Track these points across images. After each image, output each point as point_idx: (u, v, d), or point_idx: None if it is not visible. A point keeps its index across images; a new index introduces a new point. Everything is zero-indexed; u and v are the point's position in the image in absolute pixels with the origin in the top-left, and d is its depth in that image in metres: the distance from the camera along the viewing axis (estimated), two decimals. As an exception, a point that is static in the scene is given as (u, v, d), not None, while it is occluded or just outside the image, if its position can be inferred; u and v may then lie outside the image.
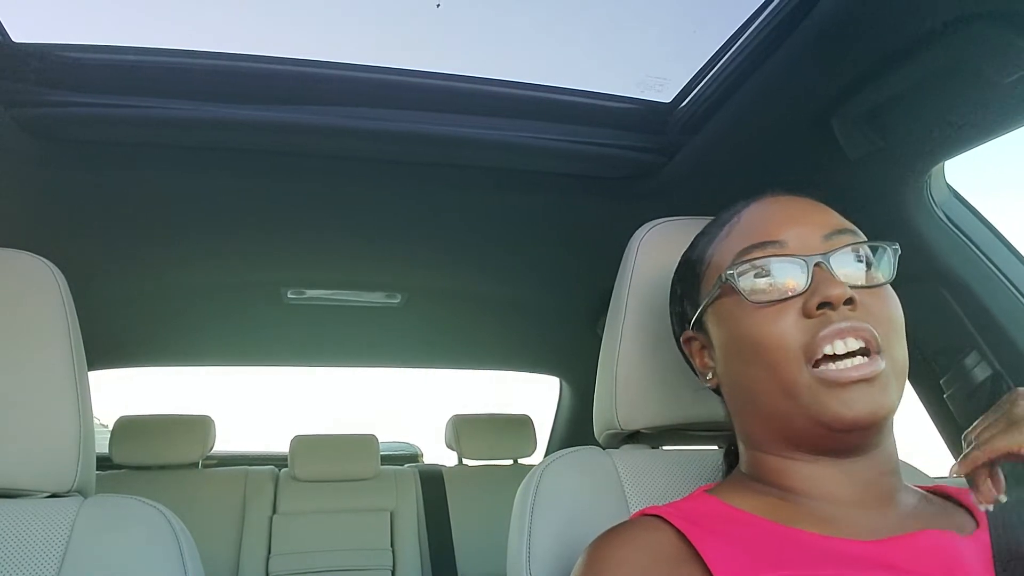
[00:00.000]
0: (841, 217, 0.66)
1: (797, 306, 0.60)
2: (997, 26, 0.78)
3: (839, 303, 0.59)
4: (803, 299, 0.60)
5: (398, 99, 1.14)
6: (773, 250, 0.63)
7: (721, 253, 0.67)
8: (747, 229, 0.66)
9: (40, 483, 0.78)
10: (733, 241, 0.67)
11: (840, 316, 0.59)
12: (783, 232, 0.64)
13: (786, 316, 0.60)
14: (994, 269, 1.02)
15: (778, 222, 0.65)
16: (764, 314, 0.61)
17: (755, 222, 0.66)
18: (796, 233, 0.63)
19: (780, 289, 0.61)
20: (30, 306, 0.80)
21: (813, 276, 0.60)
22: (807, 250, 0.62)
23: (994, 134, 0.92)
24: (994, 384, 1.02)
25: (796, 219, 0.65)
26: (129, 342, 2.27)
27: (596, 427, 0.92)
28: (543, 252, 1.69)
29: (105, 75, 1.07)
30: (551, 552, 0.76)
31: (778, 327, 0.60)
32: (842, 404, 0.58)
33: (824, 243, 0.63)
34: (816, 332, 0.59)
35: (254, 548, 2.22)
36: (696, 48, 1.04)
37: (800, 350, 0.59)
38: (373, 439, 2.44)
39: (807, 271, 0.61)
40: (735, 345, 0.65)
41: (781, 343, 0.60)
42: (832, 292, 0.58)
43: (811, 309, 0.59)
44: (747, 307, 0.62)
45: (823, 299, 0.59)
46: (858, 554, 0.56)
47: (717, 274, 0.66)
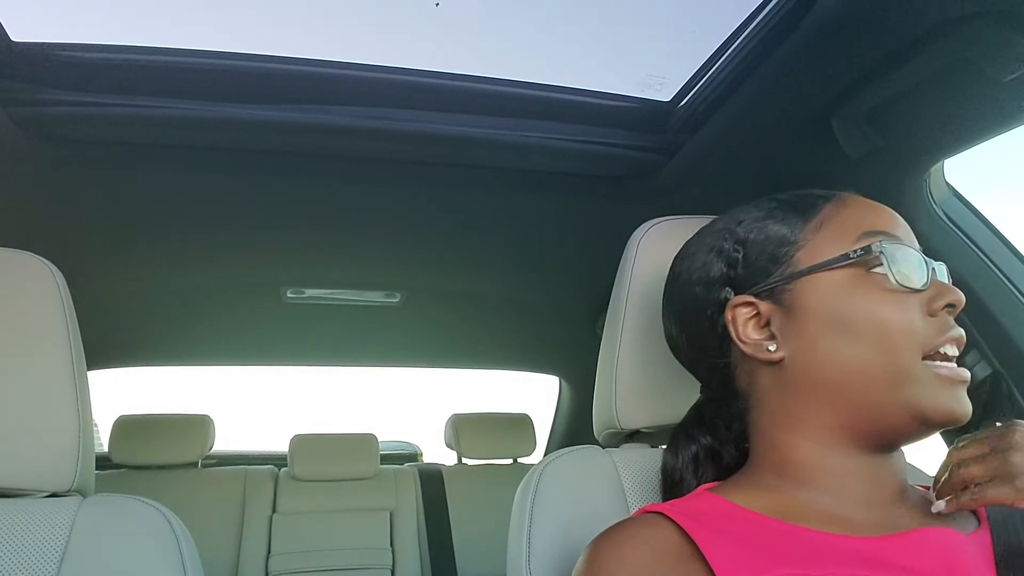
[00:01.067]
0: None
1: (919, 300, 0.62)
2: (997, 25, 0.78)
3: (960, 307, 0.62)
4: (928, 296, 0.61)
5: (397, 98, 1.14)
6: (900, 242, 0.63)
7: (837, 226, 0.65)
8: (864, 214, 0.66)
9: (39, 483, 0.78)
10: (851, 220, 0.65)
11: (952, 322, 0.62)
12: (898, 228, 0.65)
13: (912, 308, 0.61)
14: (994, 268, 1.02)
15: (892, 219, 0.66)
16: (896, 298, 0.61)
17: (870, 211, 0.66)
18: (906, 234, 0.65)
19: (913, 279, 0.62)
20: (29, 306, 0.80)
21: (931, 277, 0.62)
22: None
23: (994, 133, 0.92)
24: (994, 383, 1.02)
25: (902, 222, 0.66)
26: (129, 341, 2.27)
27: (596, 426, 0.92)
28: (542, 251, 1.69)
29: (104, 74, 1.07)
30: (551, 551, 0.76)
31: (907, 314, 0.61)
32: (955, 400, 0.60)
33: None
34: (938, 331, 0.61)
35: (254, 547, 2.22)
36: (696, 47, 1.04)
37: (920, 342, 0.60)
38: (372, 438, 2.44)
39: (927, 271, 0.62)
40: (844, 321, 0.61)
41: (906, 330, 0.60)
42: (957, 296, 0.61)
43: (937, 309, 0.61)
44: (877, 286, 0.62)
45: (950, 301, 0.61)
46: (860, 551, 0.56)
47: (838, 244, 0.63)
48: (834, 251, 0.63)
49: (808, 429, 0.64)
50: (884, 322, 0.60)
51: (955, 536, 0.58)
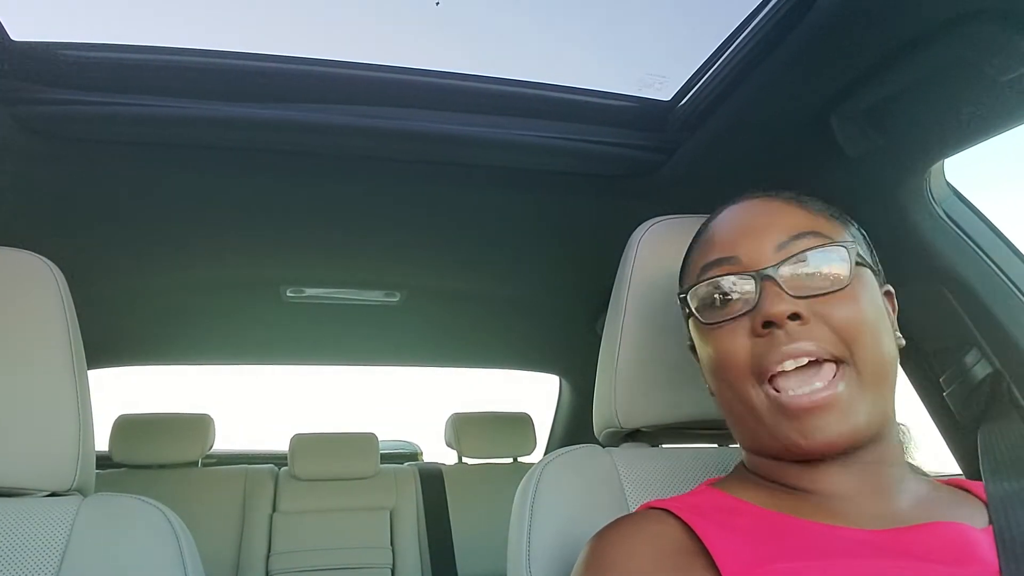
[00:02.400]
0: (808, 216, 0.63)
1: (747, 323, 0.60)
2: (997, 24, 0.78)
3: (782, 320, 0.57)
4: (751, 316, 0.59)
5: (397, 97, 1.14)
6: (726, 267, 0.62)
7: (690, 268, 0.68)
8: (709, 242, 0.66)
9: (40, 482, 0.78)
10: (698, 257, 0.67)
11: (787, 335, 0.57)
12: (738, 246, 0.63)
13: (737, 335, 0.60)
14: (994, 267, 1.02)
15: (735, 235, 0.64)
16: (717, 333, 0.61)
17: (716, 234, 0.66)
18: (749, 246, 0.62)
19: (730, 308, 0.61)
20: (29, 305, 0.80)
21: (761, 292, 0.59)
22: (758, 263, 0.61)
23: (994, 132, 0.92)
24: (994, 382, 1.02)
25: (752, 230, 0.63)
26: (129, 341, 2.27)
27: (596, 425, 0.92)
28: (542, 250, 1.69)
29: (104, 73, 1.07)
30: (551, 550, 0.76)
31: (730, 346, 0.60)
32: (798, 433, 0.57)
33: (776, 254, 0.61)
34: (764, 352, 0.58)
35: (254, 546, 2.22)
36: (696, 46, 1.04)
37: (748, 369, 0.59)
38: (373, 438, 2.45)
39: (756, 287, 0.59)
40: (703, 361, 0.66)
41: (733, 362, 0.60)
42: (773, 310, 0.57)
43: (757, 328, 0.58)
44: (704, 326, 0.63)
45: (765, 318, 0.58)
46: (866, 542, 0.55)
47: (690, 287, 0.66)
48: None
49: (748, 447, 0.66)
50: (712, 358, 0.62)
51: (967, 529, 0.58)
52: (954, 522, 0.58)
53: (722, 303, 0.61)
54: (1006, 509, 0.61)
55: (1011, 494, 0.63)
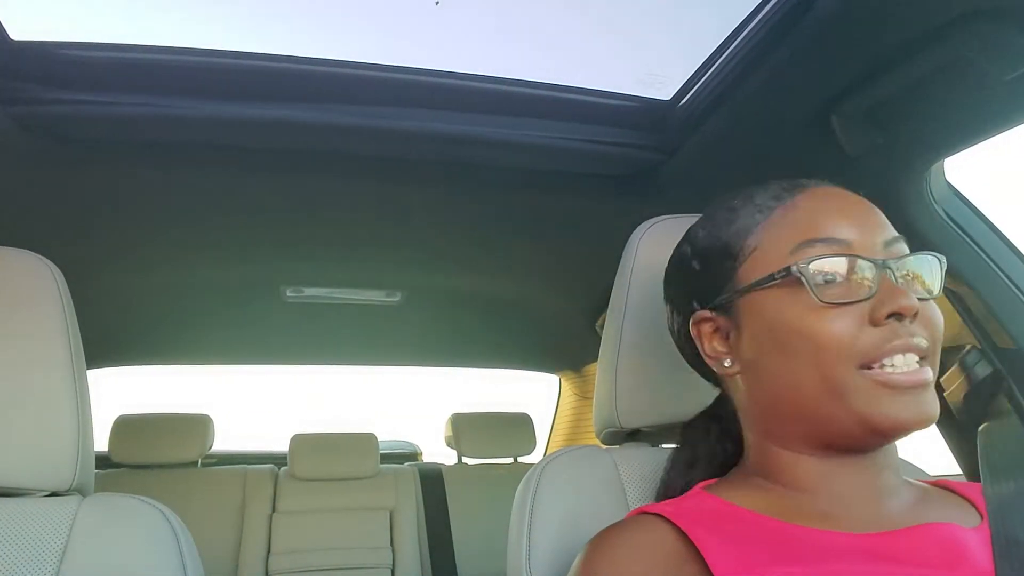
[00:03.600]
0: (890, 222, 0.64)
1: (862, 310, 0.58)
2: (997, 23, 0.78)
3: (909, 315, 0.57)
4: (871, 305, 0.58)
5: (397, 97, 1.14)
6: (839, 248, 0.60)
7: (774, 238, 0.63)
8: (805, 220, 0.63)
9: (39, 482, 0.78)
10: (789, 229, 0.63)
11: (905, 329, 0.58)
12: (846, 231, 0.61)
13: (849, 318, 0.58)
14: (994, 266, 1.02)
15: (840, 218, 0.62)
16: (827, 313, 0.59)
17: (814, 213, 0.63)
18: (859, 234, 0.61)
19: (848, 291, 0.59)
20: (28, 304, 0.80)
21: (881, 283, 0.58)
22: (872, 253, 0.60)
23: (994, 131, 0.92)
24: (994, 382, 1.01)
25: (858, 218, 0.62)
26: (128, 340, 2.27)
27: (596, 425, 0.92)
28: (542, 250, 1.69)
29: (104, 73, 1.07)
30: (551, 550, 0.76)
31: (840, 328, 0.58)
32: (900, 407, 0.57)
33: (885, 249, 0.61)
34: (881, 342, 0.57)
35: (253, 547, 2.22)
36: (696, 46, 1.04)
37: (857, 354, 0.58)
38: (372, 437, 2.45)
39: (875, 276, 0.59)
40: (780, 337, 0.61)
41: (840, 344, 0.58)
42: (904, 303, 0.57)
43: (880, 318, 0.57)
44: (807, 302, 0.59)
45: (895, 310, 0.57)
46: (858, 547, 0.56)
47: (771, 259, 0.62)
48: (768, 267, 0.63)
49: (780, 438, 0.64)
50: (813, 337, 0.59)
51: (958, 530, 0.58)
52: (945, 523, 0.58)
53: (824, 284, 0.59)
54: (1002, 510, 0.61)
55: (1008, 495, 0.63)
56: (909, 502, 0.62)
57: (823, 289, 0.59)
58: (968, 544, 0.56)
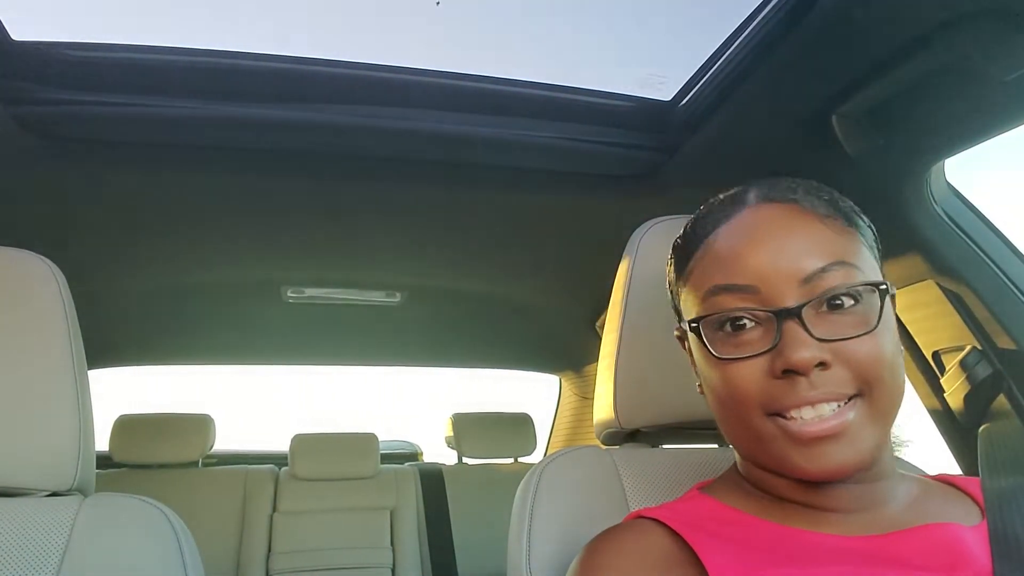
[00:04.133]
0: (831, 238, 0.59)
1: (764, 362, 0.56)
2: (998, 24, 0.78)
3: (808, 369, 0.54)
4: (770, 358, 0.56)
5: (397, 97, 1.14)
6: (743, 296, 0.58)
7: (696, 278, 0.63)
8: (720, 260, 0.61)
9: (40, 482, 0.78)
10: (706, 270, 0.62)
11: (809, 382, 0.55)
12: (757, 273, 0.58)
13: (751, 371, 0.57)
14: (994, 267, 1.02)
15: (752, 258, 0.58)
16: (728, 367, 0.58)
17: (729, 252, 0.60)
18: (771, 274, 0.57)
19: (743, 342, 0.57)
20: (30, 305, 0.80)
21: (783, 332, 0.55)
22: (780, 297, 0.56)
23: (995, 132, 0.92)
24: (994, 382, 1.01)
25: (774, 255, 0.58)
26: (129, 341, 2.27)
27: (596, 426, 0.92)
28: (543, 250, 1.69)
29: (104, 73, 1.07)
30: (551, 551, 0.76)
31: (740, 381, 0.57)
32: (806, 459, 0.55)
33: (801, 287, 0.56)
34: (781, 396, 0.55)
35: (254, 547, 2.22)
36: (697, 46, 1.04)
37: (762, 405, 0.57)
38: (373, 438, 2.45)
39: (776, 327, 0.56)
40: (705, 380, 0.62)
41: (744, 397, 0.57)
42: (798, 357, 0.54)
43: (776, 372, 0.55)
44: (712, 357, 0.59)
45: (787, 365, 0.54)
46: (858, 549, 0.55)
47: (691, 301, 0.63)
48: (690, 306, 0.63)
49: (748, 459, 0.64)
50: (722, 387, 0.59)
51: (958, 529, 0.57)
52: (946, 523, 0.58)
53: (734, 331, 0.58)
54: (1001, 509, 0.60)
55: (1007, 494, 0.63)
56: (908, 502, 0.62)
57: (726, 340, 0.58)
58: (968, 544, 0.56)
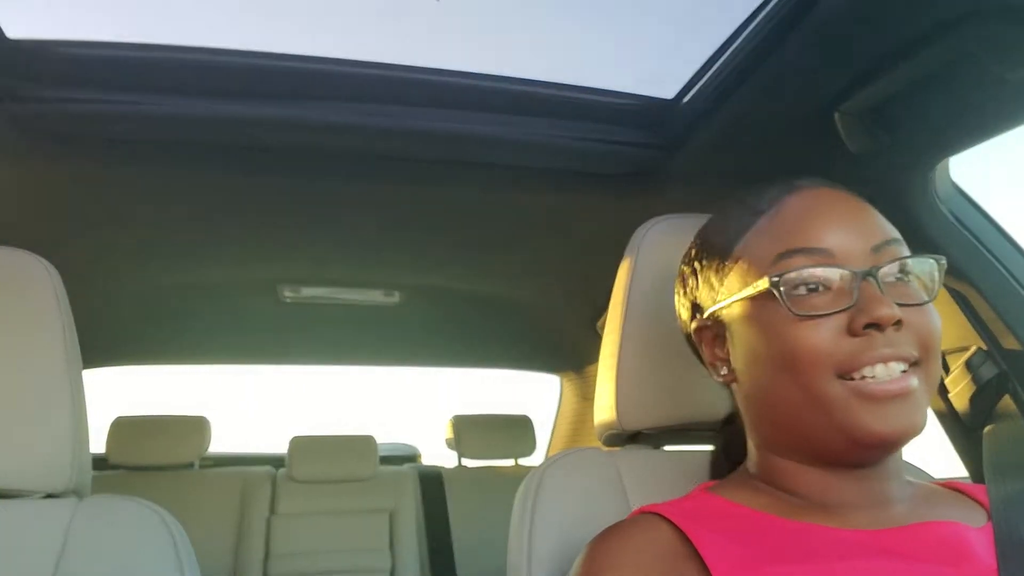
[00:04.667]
0: (888, 223, 0.62)
1: (840, 321, 0.57)
2: (1003, 22, 0.78)
3: (887, 325, 0.56)
4: (848, 315, 0.57)
5: (396, 95, 1.13)
6: (819, 258, 0.59)
7: (757, 248, 0.63)
8: (788, 227, 0.62)
9: (35, 484, 0.77)
10: (772, 238, 0.62)
11: (886, 339, 0.56)
12: (830, 238, 0.59)
13: (826, 330, 0.57)
14: (1000, 266, 1.02)
15: (824, 225, 0.60)
16: (803, 325, 0.58)
17: (798, 220, 0.61)
18: (843, 241, 0.59)
19: (825, 303, 0.58)
20: (24, 304, 0.80)
21: (860, 292, 0.57)
22: (854, 261, 0.58)
23: (999, 130, 0.91)
24: (1000, 383, 1.01)
25: (844, 224, 0.60)
26: (124, 341, 2.26)
27: (597, 427, 0.91)
28: (544, 249, 1.69)
29: (101, 71, 1.06)
30: (552, 554, 0.75)
31: (816, 340, 0.57)
32: (878, 419, 0.56)
33: (872, 255, 0.59)
34: (859, 352, 0.56)
35: (252, 549, 2.22)
36: (699, 44, 1.04)
37: (835, 366, 0.57)
38: (371, 439, 2.44)
39: (855, 286, 0.57)
40: (763, 349, 0.61)
41: (816, 357, 0.57)
42: (881, 312, 0.55)
43: (857, 328, 0.56)
44: (785, 315, 0.59)
45: (871, 320, 0.55)
46: (859, 543, 0.55)
47: (753, 270, 0.62)
48: (752, 277, 0.62)
49: (776, 447, 0.64)
50: (791, 349, 0.58)
51: (963, 528, 0.57)
52: (949, 521, 0.58)
53: (807, 293, 0.58)
54: (1007, 510, 0.60)
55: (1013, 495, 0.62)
56: (914, 502, 0.62)
57: (800, 301, 0.58)
58: (972, 542, 0.56)
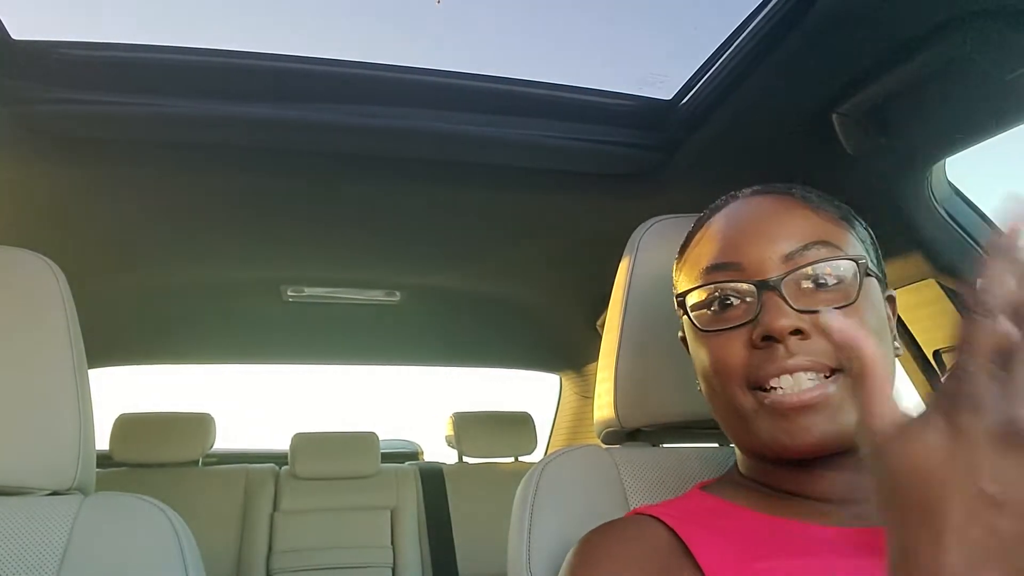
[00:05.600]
0: (817, 222, 0.62)
1: (747, 334, 0.59)
2: (999, 23, 0.78)
3: (783, 336, 0.56)
4: (751, 328, 0.58)
5: (399, 96, 1.14)
6: (728, 274, 0.61)
7: (690, 264, 0.67)
8: (711, 242, 0.65)
9: (40, 481, 0.78)
10: (699, 255, 0.66)
11: (787, 350, 0.56)
12: (742, 252, 0.61)
13: (733, 343, 0.59)
14: (995, 267, 1.02)
15: (740, 239, 0.62)
16: (714, 339, 0.61)
17: (718, 236, 0.64)
18: (755, 252, 0.60)
19: (728, 317, 0.60)
20: (30, 304, 0.80)
21: (763, 303, 0.58)
22: (762, 272, 0.59)
23: (996, 131, 0.91)
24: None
25: (759, 235, 0.61)
26: (129, 340, 2.27)
27: (596, 425, 0.92)
28: (543, 249, 1.69)
29: (105, 72, 1.07)
30: (551, 550, 0.76)
31: (723, 353, 0.60)
32: (785, 433, 0.56)
33: (783, 263, 0.59)
34: (760, 364, 0.57)
35: (255, 546, 2.23)
36: (697, 45, 1.04)
37: (744, 378, 0.58)
38: (373, 436, 2.45)
39: (758, 297, 0.58)
40: (696, 363, 0.65)
41: (726, 370, 0.59)
42: (775, 324, 0.56)
43: (756, 340, 0.57)
44: (699, 331, 0.62)
45: (766, 332, 0.57)
46: (850, 540, 0.55)
47: (685, 284, 0.66)
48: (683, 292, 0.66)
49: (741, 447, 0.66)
50: (706, 362, 0.62)
51: None
52: None
53: (721, 308, 0.61)
54: None
55: None
56: None
57: (710, 317, 0.61)
58: None
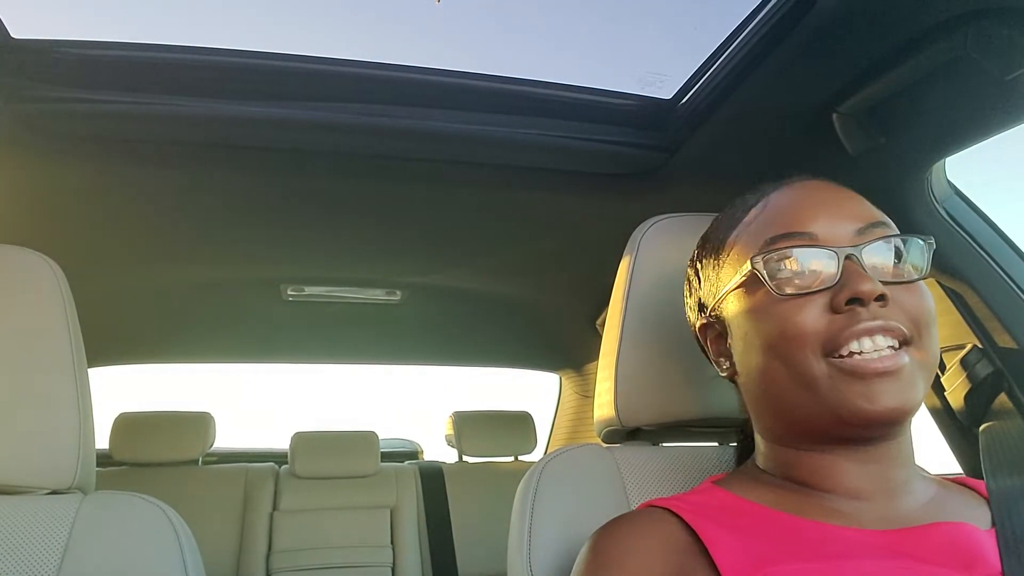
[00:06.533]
0: (874, 208, 0.63)
1: (824, 299, 0.58)
2: (999, 23, 0.78)
3: (870, 299, 0.56)
4: (831, 293, 0.58)
5: (398, 95, 1.14)
6: (802, 240, 0.60)
7: (746, 239, 0.65)
8: (775, 216, 0.63)
9: (40, 480, 0.78)
10: (760, 228, 0.64)
11: (870, 314, 0.56)
12: (814, 222, 0.61)
13: (811, 309, 0.58)
14: (995, 266, 1.02)
15: (808, 211, 0.62)
16: (788, 305, 0.59)
17: (784, 209, 0.63)
18: (827, 224, 0.61)
19: (808, 281, 0.59)
20: (29, 303, 0.80)
21: (843, 270, 0.58)
22: (838, 242, 0.59)
23: (995, 131, 0.91)
24: (995, 381, 1.01)
25: (828, 208, 0.62)
26: (129, 339, 2.27)
27: (596, 424, 0.92)
28: (544, 248, 1.69)
29: (104, 71, 1.07)
30: (551, 549, 0.76)
31: (800, 318, 0.58)
32: (863, 398, 0.56)
33: (856, 236, 0.60)
34: (843, 328, 0.57)
35: (254, 545, 2.23)
36: (697, 44, 1.04)
37: (820, 343, 0.57)
38: (373, 436, 2.45)
39: (838, 264, 0.58)
40: (754, 335, 0.62)
41: (801, 335, 0.58)
42: (863, 287, 0.56)
43: (839, 304, 0.57)
44: (771, 297, 0.60)
45: (853, 294, 0.56)
46: (869, 543, 0.55)
47: (742, 261, 0.64)
48: (740, 267, 0.64)
49: (777, 435, 0.65)
50: (777, 331, 0.59)
51: (972, 530, 0.57)
52: (961, 523, 0.57)
53: (792, 276, 0.60)
54: (1008, 508, 0.60)
55: (1012, 493, 0.62)
56: (924, 500, 0.61)
57: (784, 282, 0.60)
58: (983, 546, 0.55)
